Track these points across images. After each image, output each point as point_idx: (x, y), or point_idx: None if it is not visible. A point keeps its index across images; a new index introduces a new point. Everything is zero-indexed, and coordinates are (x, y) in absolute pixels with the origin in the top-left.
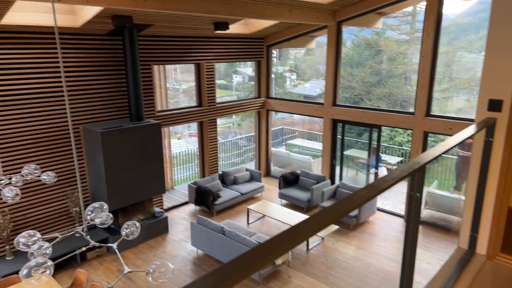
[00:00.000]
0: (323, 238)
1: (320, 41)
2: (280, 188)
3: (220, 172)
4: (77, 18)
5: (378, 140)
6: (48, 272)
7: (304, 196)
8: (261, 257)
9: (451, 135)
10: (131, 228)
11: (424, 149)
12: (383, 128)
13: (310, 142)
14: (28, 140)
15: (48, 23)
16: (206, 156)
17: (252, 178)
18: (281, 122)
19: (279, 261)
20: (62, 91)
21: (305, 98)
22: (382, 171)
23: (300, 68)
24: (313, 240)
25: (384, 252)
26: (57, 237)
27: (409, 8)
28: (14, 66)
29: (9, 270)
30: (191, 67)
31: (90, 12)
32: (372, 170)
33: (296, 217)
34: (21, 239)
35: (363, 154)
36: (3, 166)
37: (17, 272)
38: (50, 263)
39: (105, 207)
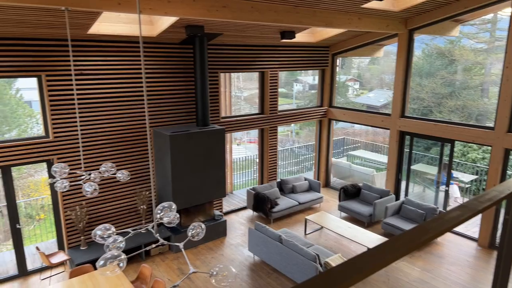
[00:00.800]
0: None
1: (388, 50)
2: (340, 200)
3: (278, 180)
4: (154, 27)
5: (451, 156)
6: (121, 265)
7: (365, 210)
8: (343, 277)
9: None
10: (197, 229)
11: (504, 168)
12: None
13: (373, 154)
14: (105, 140)
15: (129, 33)
16: (265, 163)
17: (311, 188)
18: (341, 132)
19: None
20: (137, 96)
21: (368, 108)
22: (453, 189)
23: (364, 78)
24: None
25: (453, 277)
26: (129, 232)
27: (489, 16)
28: (97, 72)
29: (82, 259)
30: (254, 75)
31: (166, 22)
32: (443, 187)
33: (357, 232)
34: (98, 231)
35: (431, 170)
36: (84, 163)
37: (90, 262)
38: (123, 256)
39: (173, 207)
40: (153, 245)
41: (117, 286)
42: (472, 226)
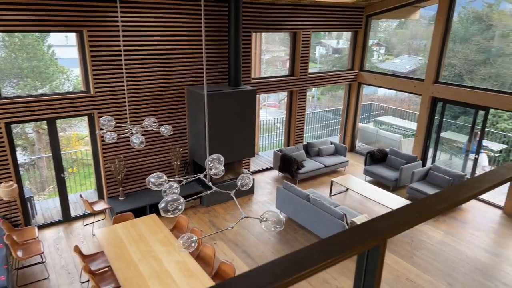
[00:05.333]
0: None
1: (424, 13)
2: (365, 164)
3: (304, 143)
4: None
5: (484, 124)
6: (180, 207)
7: (391, 175)
8: (416, 214)
9: None
10: (245, 179)
11: None
12: (481, 113)
13: (400, 120)
14: (142, 97)
15: None
16: (292, 125)
17: (337, 151)
18: (365, 98)
19: None
20: (176, 54)
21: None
22: (482, 158)
23: (390, 42)
24: None
25: (477, 242)
26: (182, 181)
27: None
28: (138, 29)
29: (121, 208)
30: (276, 37)
31: None
32: (472, 156)
33: (383, 195)
34: (152, 179)
35: (459, 138)
36: (124, 118)
37: (128, 211)
38: (182, 200)
39: (221, 159)
40: (208, 191)
41: (157, 233)
42: (499, 194)
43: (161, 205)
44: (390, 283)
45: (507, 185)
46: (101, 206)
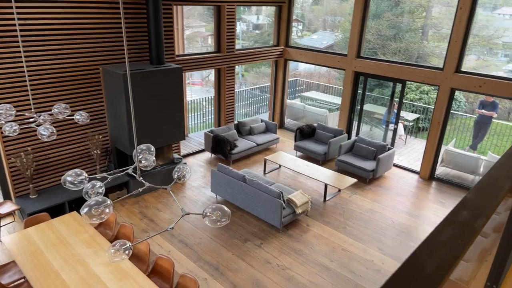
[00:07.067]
0: (339, 190)
1: None
2: (296, 140)
3: (235, 122)
4: None
5: (401, 96)
6: (107, 210)
7: (320, 149)
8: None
9: (480, 93)
10: (182, 171)
11: (449, 106)
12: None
13: (324, 95)
14: (47, 80)
15: None
16: (222, 104)
17: (267, 129)
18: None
19: (299, 211)
20: (85, 28)
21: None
22: (399, 127)
23: (307, 18)
24: (330, 192)
25: (400, 206)
26: (107, 177)
27: None
28: None
29: (34, 208)
30: (195, 12)
31: None
32: (391, 126)
33: (314, 169)
34: (68, 177)
35: (377, 109)
36: (26, 105)
37: (42, 211)
38: (109, 202)
39: (152, 150)
40: (140, 189)
41: (81, 233)
42: (414, 160)
43: (84, 210)
44: (328, 255)
45: (421, 151)
46: (7, 208)
